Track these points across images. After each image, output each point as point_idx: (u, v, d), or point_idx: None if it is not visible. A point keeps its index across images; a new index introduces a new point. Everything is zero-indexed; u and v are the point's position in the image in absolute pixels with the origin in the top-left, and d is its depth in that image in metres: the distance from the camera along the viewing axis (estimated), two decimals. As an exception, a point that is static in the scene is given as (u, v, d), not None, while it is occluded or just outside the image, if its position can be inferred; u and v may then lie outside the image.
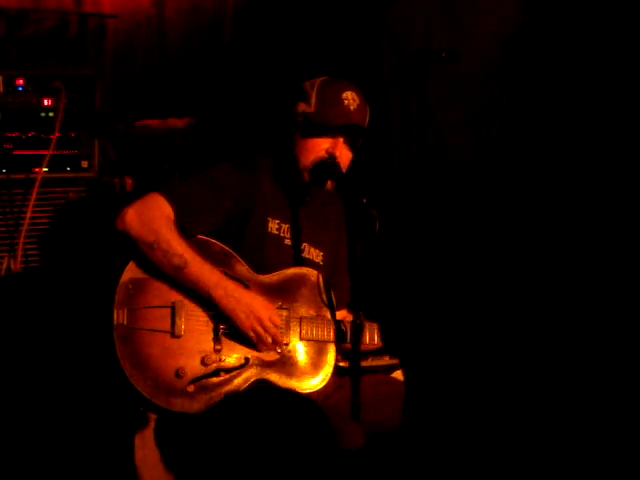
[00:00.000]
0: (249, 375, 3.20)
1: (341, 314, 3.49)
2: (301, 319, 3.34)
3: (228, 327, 3.21)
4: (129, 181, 4.49)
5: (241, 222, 3.36)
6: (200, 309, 3.21)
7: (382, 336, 3.49)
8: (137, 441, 3.18)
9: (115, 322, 3.09)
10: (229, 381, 3.18)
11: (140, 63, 5.57)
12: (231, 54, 5.81)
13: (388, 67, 6.02)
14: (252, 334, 3.20)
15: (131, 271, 3.18)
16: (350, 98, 3.37)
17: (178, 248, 3.15)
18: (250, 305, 3.20)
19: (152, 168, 4.75)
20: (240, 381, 3.18)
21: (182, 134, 4.93)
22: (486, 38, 5.57)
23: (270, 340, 3.24)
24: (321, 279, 3.44)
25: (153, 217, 3.17)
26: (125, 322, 3.10)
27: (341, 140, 3.39)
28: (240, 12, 5.85)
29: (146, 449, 3.18)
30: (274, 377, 3.24)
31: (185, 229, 3.22)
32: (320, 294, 3.42)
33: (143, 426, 3.17)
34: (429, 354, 3.73)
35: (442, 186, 5.51)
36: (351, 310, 3.40)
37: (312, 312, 3.38)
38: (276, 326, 3.25)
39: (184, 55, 5.68)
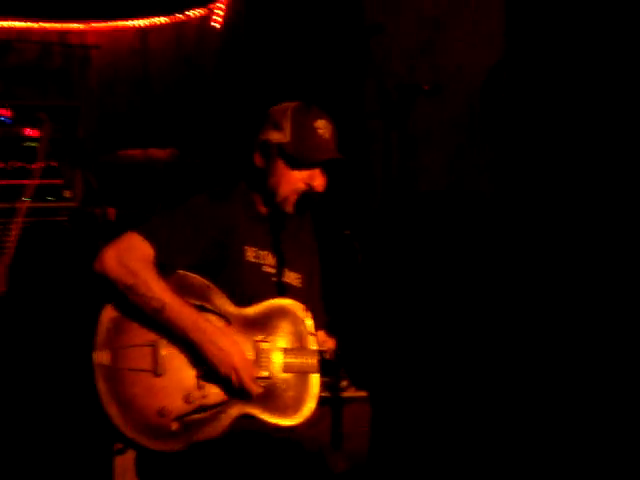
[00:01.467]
0: (232, 411, 3.13)
1: (320, 336, 3.43)
2: (284, 351, 3.27)
3: (208, 367, 3.16)
4: (111, 211, 4.45)
5: (219, 254, 3.29)
6: (181, 347, 3.15)
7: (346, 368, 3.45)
8: (116, 470, 3.13)
9: (96, 362, 3.03)
10: (213, 417, 3.10)
11: (123, 94, 5.54)
12: (213, 86, 5.79)
13: (371, 100, 6.01)
14: (229, 379, 3.15)
15: (110, 311, 3.11)
16: (322, 127, 3.31)
17: (157, 291, 3.08)
18: (228, 353, 3.12)
19: (135, 198, 4.72)
20: (224, 417, 3.10)
21: (165, 164, 4.91)
22: (468, 72, 5.55)
23: (246, 383, 3.19)
24: (302, 310, 3.37)
25: (131, 258, 3.11)
26: (107, 362, 3.05)
27: (318, 170, 3.34)
28: (223, 46, 5.82)
29: (126, 477, 3.14)
30: (257, 412, 3.15)
31: (165, 266, 3.16)
32: (302, 325, 3.36)
33: (123, 453, 3.14)
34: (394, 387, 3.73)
35: (420, 216, 5.48)
36: (328, 334, 3.41)
37: (295, 343, 3.31)
38: (248, 374, 3.17)
39: (167, 87, 5.67)
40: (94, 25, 5.38)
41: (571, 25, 4.97)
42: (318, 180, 3.35)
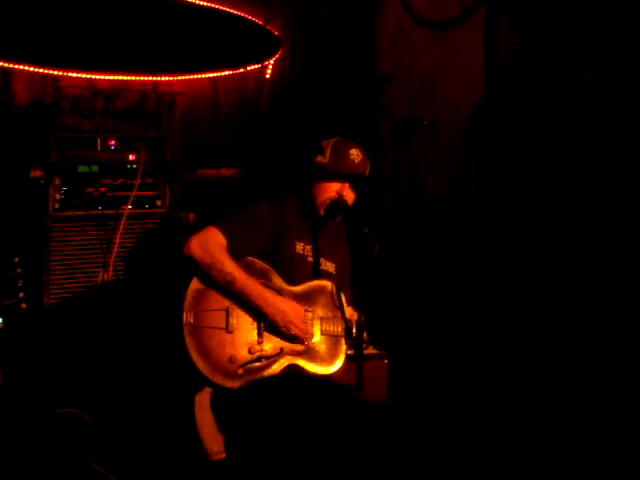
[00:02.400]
0: (283, 361, 3.20)
1: (348, 310, 3.46)
2: (321, 319, 3.32)
3: (268, 326, 3.21)
4: (191, 215, 4.49)
5: (276, 245, 3.37)
6: (247, 312, 3.21)
7: (368, 333, 3.46)
8: (196, 405, 3.16)
9: (184, 321, 3.11)
10: (268, 366, 3.17)
11: (200, 128, 5.58)
12: (267, 122, 5.82)
13: (383, 131, 6.01)
14: (285, 331, 3.21)
15: (195, 283, 3.20)
16: (355, 154, 3.40)
17: (229, 268, 3.17)
18: (284, 310, 3.22)
19: (208, 206, 4.75)
20: (277, 366, 3.17)
21: (231, 180, 4.93)
22: (458, 108, 5.54)
23: (299, 335, 3.23)
24: (335, 289, 3.42)
25: (210, 245, 3.20)
26: (192, 321, 3.12)
27: (347, 185, 3.42)
28: (273, 92, 5.87)
29: (203, 412, 3.16)
30: (302, 363, 3.22)
31: (235, 253, 3.22)
32: (334, 300, 3.40)
33: (200, 392, 3.16)
34: (407, 348, 3.71)
35: (421, 218, 5.45)
36: (355, 308, 3.44)
37: (329, 314, 3.36)
38: (302, 325, 3.25)
39: (232, 122, 5.69)
40: (179, 77, 5.39)
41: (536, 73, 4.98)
42: (347, 192, 3.43)
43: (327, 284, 3.42)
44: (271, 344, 3.22)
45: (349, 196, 3.45)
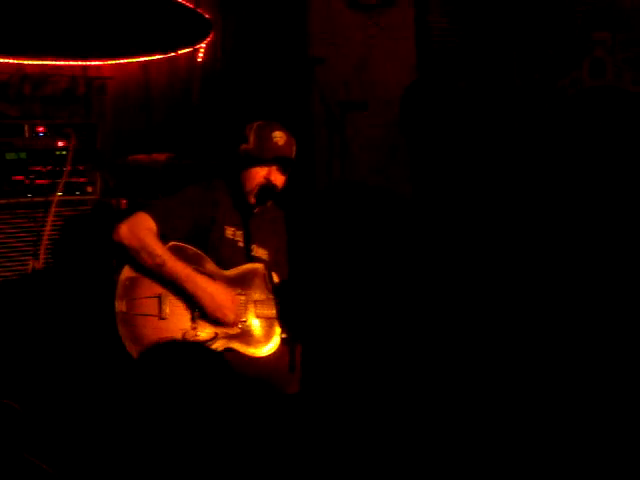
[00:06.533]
0: (218, 345, 3.21)
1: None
2: (255, 302, 3.33)
3: (200, 311, 3.18)
4: (123, 201, 4.44)
5: (206, 230, 3.38)
6: (180, 298, 3.21)
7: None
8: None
9: (116, 310, 3.09)
10: None
11: (132, 112, 5.50)
12: (199, 106, 5.76)
13: (317, 114, 5.99)
14: (217, 315, 3.20)
15: (127, 271, 3.18)
16: (279, 136, 3.42)
17: (158, 251, 3.16)
18: (212, 294, 3.22)
19: (141, 191, 4.70)
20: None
21: (164, 165, 4.88)
22: (390, 90, 5.56)
23: (230, 319, 3.22)
24: (267, 271, 3.43)
25: (140, 229, 3.19)
26: (124, 309, 3.10)
27: (274, 168, 3.43)
28: (205, 76, 5.81)
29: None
30: (237, 346, 3.24)
31: (165, 237, 3.22)
32: (267, 282, 3.41)
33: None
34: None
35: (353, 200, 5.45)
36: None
37: (263, 296, 3.36)
38: (234, 309, 3.26)
39: (164, 106, 5.62)
40: (108, 62, 5.30)
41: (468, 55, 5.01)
42: (275, 176, 3.45)
43: (259, 266, 3.43)
44: (205, 329, 3.21)
45: (278, 180, 3.46)
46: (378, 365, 4.02)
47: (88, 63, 5.24)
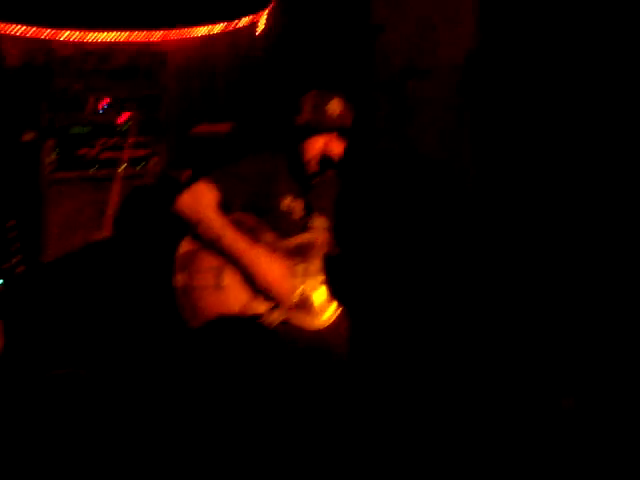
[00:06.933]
0: (276, 316, 3.21)
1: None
2: (313, 272, 3.35)
3: (258, 282, 3.21)
4: (186, 172, 4.47)
5: (263, 201, 3.36)
6: (238, 270, 3.21)
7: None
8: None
9: (176, 283, 3.14)
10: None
11: (194, 84, 5.52)
12: (261, 75, 5.75)
13: (378, 81, 5.94)
14: (272, 288, 3.22)
15: (186, 244, 3.21)
16: (336, 105, 3.36)
17: (217, 224, 3.17)
18: (270, 266, 3.21)
19: (204, 161, 4.73)
20: (270, 321, 3.21)
21: (227, 135, 4.90)
22: (454, 56, 5.46)
23: (286, 291, 3.24)
24: (323, 241, 3.43)
25: (199, 201, 3.19)
26: (183, 282, 3.14)
27: (333, 136, 3.39)
28: (266, 45, 5.79)
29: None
30: (295, 317, 3.24)
31: (224, 208, 3.22)
32: (323, 252, 3.43)
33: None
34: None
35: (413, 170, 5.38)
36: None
37: (320, 266, 3.37)
38: (291, 280, 3.25)
39: (226, 76, 5.63)
40: (172, 34, 5.33)
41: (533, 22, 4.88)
42: (334, 145, 3.41)
43: (318, 237, 3.43)
44: (263, 301, 3.23)
45: (336, 149, 3.43)
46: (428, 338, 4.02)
47: (151, 36, 5.28)
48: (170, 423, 3.25)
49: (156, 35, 5.30)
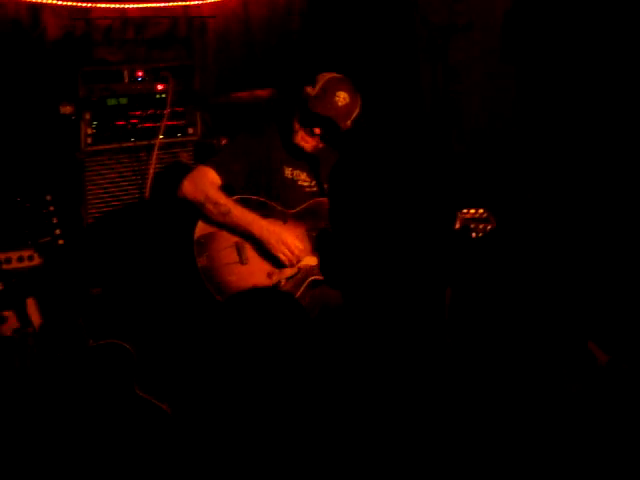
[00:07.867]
0: (301, 277, 3.36)
1: None
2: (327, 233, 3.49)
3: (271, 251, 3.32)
4: (224, 141, 4.47)
5: (263, 173, 3.47)
6: (254, 243, 3.32)
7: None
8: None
9: (199, 265, 3.21)
10: (295, 287, 3.35)
11: (233, 50, 5.50)
12: (299, 40, 5.70)
13: (420, 41, 5.84)
14: (283, 257, 3.25)
15: (201, 228, 3.31)
16: (341, 97, 3.37)
17: (222, 201, 3.28)
18: (279, 233, 3.31)
19: (243, 128, 4.71)
20: (301, 284, 3.36)
21: (266, 101, 4.89)
22: (494, 11, 5.34)
23: (299, 254, 3.34)
24: (328, 205, 3.56)
25: (202, 182, 3.31)
26: (206, 264, 3.22)
27: (317, 130, 3.47)
28: (304, 9, 5.73)
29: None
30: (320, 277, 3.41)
31: (228, 187, 3.35)
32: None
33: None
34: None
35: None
36: None
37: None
38: (302, 245, 3.36)
39: (265, 42, 5.60)
40: (208, 0, 5.32)
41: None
42: (317, 130, 3.47)
43: (323, 200, 3.50)
44: (285, 268, 3.34)
45: (311, 141, 3.50)
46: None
47: (189, 3, 5.27)
48: (212, 395, 3.28)
49: (195, 3, 5.29)
